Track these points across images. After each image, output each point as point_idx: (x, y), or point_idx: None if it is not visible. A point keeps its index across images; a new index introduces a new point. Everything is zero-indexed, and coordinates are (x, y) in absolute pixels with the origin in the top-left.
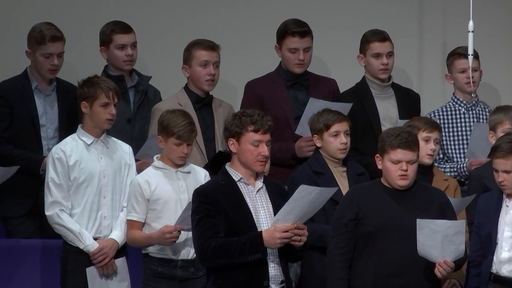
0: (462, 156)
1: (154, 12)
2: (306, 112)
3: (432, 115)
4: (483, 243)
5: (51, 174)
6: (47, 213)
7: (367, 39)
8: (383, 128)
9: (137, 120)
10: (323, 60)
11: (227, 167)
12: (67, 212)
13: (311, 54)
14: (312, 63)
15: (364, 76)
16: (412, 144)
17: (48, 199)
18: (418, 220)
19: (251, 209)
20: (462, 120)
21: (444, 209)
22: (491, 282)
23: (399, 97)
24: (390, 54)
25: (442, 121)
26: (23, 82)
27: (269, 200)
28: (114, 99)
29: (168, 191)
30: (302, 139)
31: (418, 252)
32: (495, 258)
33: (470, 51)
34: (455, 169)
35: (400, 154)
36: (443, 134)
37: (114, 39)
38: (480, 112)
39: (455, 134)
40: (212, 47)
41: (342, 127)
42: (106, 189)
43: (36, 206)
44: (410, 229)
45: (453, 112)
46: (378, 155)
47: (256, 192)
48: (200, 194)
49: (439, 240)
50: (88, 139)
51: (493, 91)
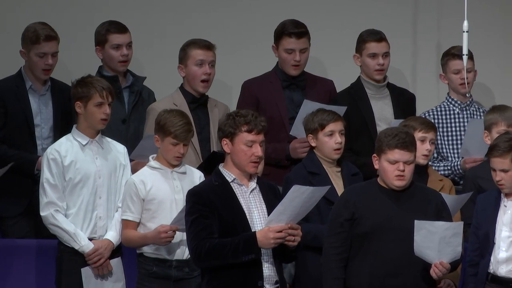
0: (456, 155)
1: (149, 13)
2: (300, 114)
3: (426, 115)
4: (480, 242)
5: (46, 174)
6: (42, 213)
7: (364, 39)
8: (379, 128)
9: (131, 120)
10: (319, 60)
11: (221, 167)
12: (62, 212)
13: (308, 55)
14: (309, 63)
15: (359, 77)
16: (409, 145)
17: (43, 199)
18: (416, 221)
19: (245, 209)
20: (456, 120)
21: (440, 210)
22: (488, 282)
23: (394, 97)
24: (386, 55)
25: (436, 121)
26: (18, 82)
27: (262, 201)
28: (108, 99)
29: (163, 191)
30: (296, 140)
31: (414, 252)
32: (492, 258)
33: (465, 51)
34: (449, 167)
35: (397, 155)
36: (438, 134)
37: (110, 39)
38: (474, 112)
39: (449, 134)
40: (208, 46)
41: (337, 126)
42: (102, 189)
43: (31, 206)
44: (406, 229)
45: (447, 112)
46: (375, 155)
47: (250, 192)
48: (193, 195)
49: (436, 242)
50: (83, 140)
51: (487, 91)
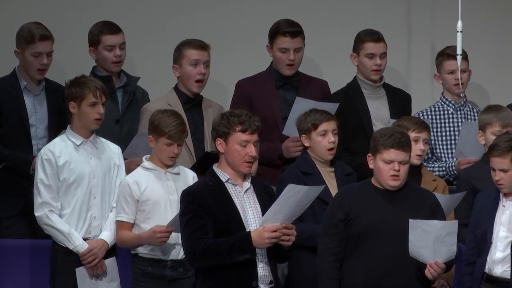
0: (450, 156)
1: (143, 12)
2: (292, 112)
3: (420, 115)
4: (478, 242)
5: (40, 175)
6: (36, 214)
7: (361, 39)
8: (375, 128)
9: (125, 120)
10: (314, 60)
11: (215, 167)
12: (56, 212)
13: (302, 55)
14: (303, 63)
15: (355, 76)
16: (405, 145)
17: (37, 200)
18: (411, 220)
19: (239, 209)
20: (451, 120)
21: (434, 210)
22: (484, 282)
23: (390, 97)
24: (384, 55)
25: (430, 121)
26: (12, 82)
27: (257, 201)
28: (101, 99)
29: (158, 192)
30: (289, 139)
31: (409, 252)
32: (488, 257)
33: (459, 51)
34: (444, 168)
35: (393, 154)
36: (432, 134)
37: (103, 40)
38: (469, 112)
39: (444, 134)
40: (202, 46)
41: (330, 126)
42: (96, 189)
43: (27, 206)
44: (400, 229)
45: (441, 112)
46: (370, 154)
47: (244, 192)
48: (188, 195)
49: (431, 241)
50: (77, 140)
51: (481, 91)
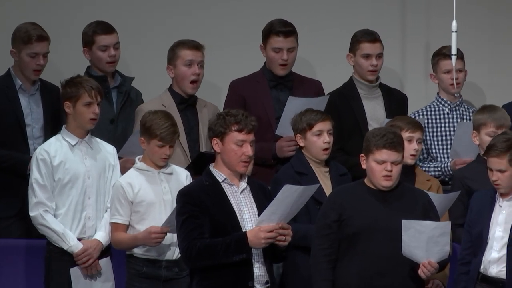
0: (446, 156)
1: (137, 13)
2: (285, 111)
3: (416, 115)
4: (473, 241)
5: (35, 175)
6: (31, 213)
7: (358, 39)
8: (370, 128)
9: (120, 120)
10: (308, 61)
11: (211, 167)
12: (51, 212)
13: (295, 55)
14: (297, 64)
15: (351, 76)
16: (397, 145)
17: (32, 200)
18: (404, 221)
19: (236, 209)
20: (446, 120)
21: (428, 210)
22: (479, 282)
23: (386, 97)
24: (380, 56)
25: (426, 120)
26: (7, 82)
27: (253, 201)
28: (97, 98)
29: (152, 193)
30: (282, 139)
31: (402, 252)
32: (484, 257)
33: (453, 51)
34: (439, 168)
35: (385, 155)
36: (427, 134)
37: (96, 40)
38: (464, 112)
39: (439, 134)
40: (196, 47)
41: (325, 126)
42: (91, 190)
43: (25, 207)
44: (394, 229)
45: (437, 112)
46: (362, 154)
47: (240, 192)
48: (184, 195)
49: (424, 241)
50: (73, 140)
51: (477, 91)
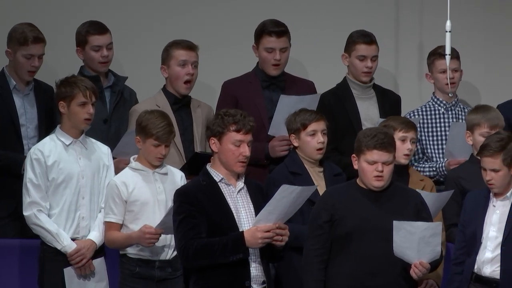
0: (441, 156)
1: (130, 12)
2: (277, 110)
3: (411, 114)
4: (467, 241)
5: (29, 174)
6: (25, 213)
7: (354, 40)
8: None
9: (113, 120)
10: (300, 61)
11: (208, 167)
12: (45, 212)
13: (288, 55)
14: (290, 64)
15: (345, 77)
16: (388, 145)
17: (26, 199)
18: (395, 222)
19: (233, 209)
20: (442, 120)
21: (420, 210)
22: (473, 282)
23: (380, 98)
24: (375, 58)
25: (421, 120)
26: (1, 82)
27: (250, 201)
28: (91, 99)
29: (146, 193)
30: (275, 138)
31: (394, 253)
32: (478, 257)
33: (447, 51)
34: (434, 168)
35: (376, 155)
36: (423, 134)
37: (90, 40)
38: (460, 112)
39: (435, 134)
40: (190, 47)
41: (319, 126)
42: (85, 190)
43: (20, 207)
44: (385, 230)
45: (432, 112)
46: (354, 155)
47: (237, 192)
48: (181, 195)
49: (415, 242)
50: (67, 140)
51: (471, 91)
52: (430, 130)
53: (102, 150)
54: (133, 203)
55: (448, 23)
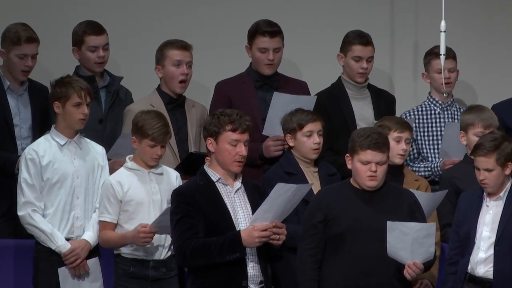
0: (436, 155)
1: (126, 13)
2: (271, 108)
3: (407, 114)
4: (461, 241)
5: (24, 174)
6: (19, 213)
7: (350, 40)
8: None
9: (108, 120)
10: (293, 61)
11: (206, 167)
12: (39, 212)
13: (281, 55)
14: (283, 64)
15: (340, 77)
16: (382, 145)
17: (20, 199)
18: (389, 222)
19: (230, 209)
20: (437, 120)
21: (414, 210)
22: (466, 282)
23: (374, 98)
24: (370, 59)
25: (417, 120)
26: None
27: (247, 201)
28: (86, 99)
29: (141, 193)
30: (269, 138)
31: (387, 253)
32: (471, 257)
33: (442, 51)
34: (429, 168)
35: (369, 155)
36: (419, 134)
37: (86, 41)
38: (455, 112)
39: (430, 133)
40: (184, 47)
41: (315, 126)
42: (79, 190)
43: (13, 206)
44: (379, 230)
45: (428, 112)
46: (348, 155)
47: (235, 192)
48: (178, 195)
49: (409, 242)
50: (62, 140)
51: (468, 91)
52: (426, 130)
53: (97, 150)
54: (128, 202)
55: (442, 23)
